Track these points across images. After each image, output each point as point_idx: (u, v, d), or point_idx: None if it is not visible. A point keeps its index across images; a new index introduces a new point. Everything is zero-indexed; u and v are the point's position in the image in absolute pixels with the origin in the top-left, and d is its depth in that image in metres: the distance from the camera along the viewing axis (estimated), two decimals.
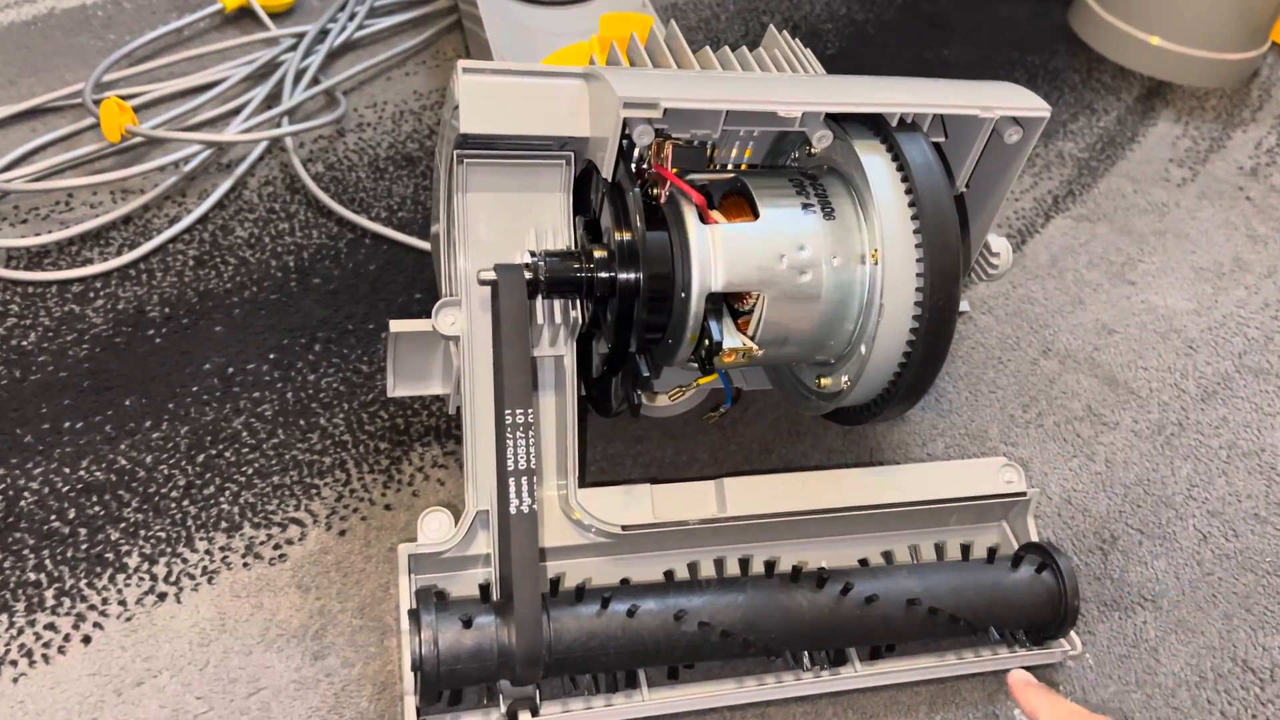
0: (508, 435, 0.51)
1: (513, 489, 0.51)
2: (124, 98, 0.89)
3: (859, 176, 0.54)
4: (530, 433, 0.52)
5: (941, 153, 0.56)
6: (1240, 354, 0.85)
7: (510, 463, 0.51)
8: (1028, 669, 0.59)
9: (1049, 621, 0.59)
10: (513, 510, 0.51)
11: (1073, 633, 0.60)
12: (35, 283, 0.74)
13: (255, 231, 0.80)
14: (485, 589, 0.52)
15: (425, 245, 0.80)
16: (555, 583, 0.55)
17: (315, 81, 0.94)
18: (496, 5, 0.97)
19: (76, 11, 1.02)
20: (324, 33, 0.99)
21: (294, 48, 0.97)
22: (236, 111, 0.90)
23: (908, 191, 0.52)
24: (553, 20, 0.99)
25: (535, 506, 0.51)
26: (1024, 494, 0.63)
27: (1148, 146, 1.08)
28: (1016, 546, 0.63)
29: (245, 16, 1.03)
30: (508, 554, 0.51)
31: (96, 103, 0.83)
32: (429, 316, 0.55)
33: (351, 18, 1.02)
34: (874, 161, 0.53)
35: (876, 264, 0.52)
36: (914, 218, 0.52)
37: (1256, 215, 1.01)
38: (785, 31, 0.65)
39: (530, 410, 0.52)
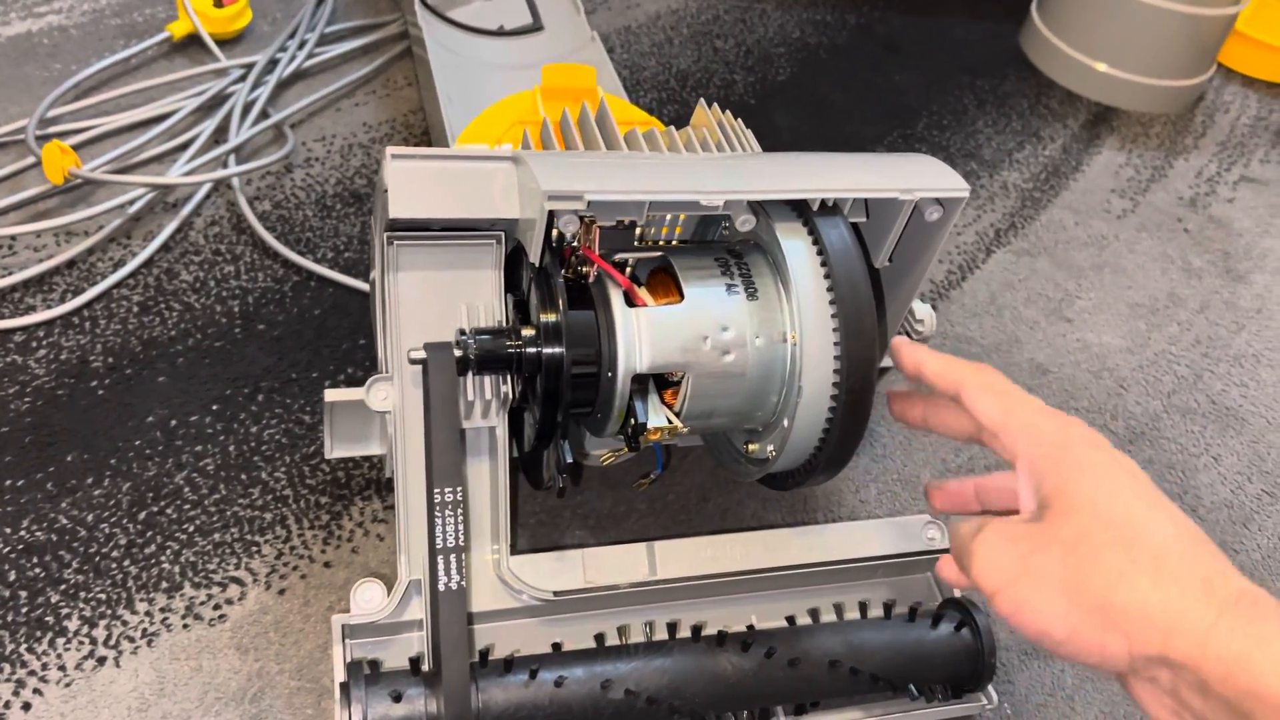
0: (436, 513, 0.53)
1: (441, 566, 0.52)
2: (69, 133, 0.89)
3: (781, 257, 0.55)
4: (459, 510, 0.53)
5: (860, 235, 0.57)
6: (1170, 393, 0.87)
7: (440, 540, 0.52)
8: None
9: (967, 677, 0.61)
10: (441, 587, 0.52)
11: (990, 686, 0.62)
12: None
13: (200, 275, 0.81)
14: (416, 661, 0.54)
15: (368, 288, 0.81)
16: (485, 653, 0.57)
17: (264, 115, 0.94)
18: (441, 35, 0.97)
19: (21, 40, 1.01)
20: (273, 62, 0.99)
21: (243, 78, 0.97)
22: (184, 147, 0.90)
23: (826, 276, 0.54)
24: (498, 51, 0.99)
25: (464, 583, 0.52)
26: (947, 550, 0.65)
27: (1091, 175, 1.10)
28: (940, 600, 0.65)
29: (194, 44, 1.03)
30: (437, 628, 0.52)
31: (41, 141, 0.83)
32: (372, 365, 0.56)
33: (301, 45, 1.02)
34: (794, 246, 0.55)
35: (796, 344, 0.54)
36: (832, 302, 0.54)
37: (1193, 248, 1.03)
38: (715, 105, 0.66)
39: (460, 488, 0.53)
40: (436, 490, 0.53)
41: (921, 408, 0.54)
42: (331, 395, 0.59)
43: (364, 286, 0.81)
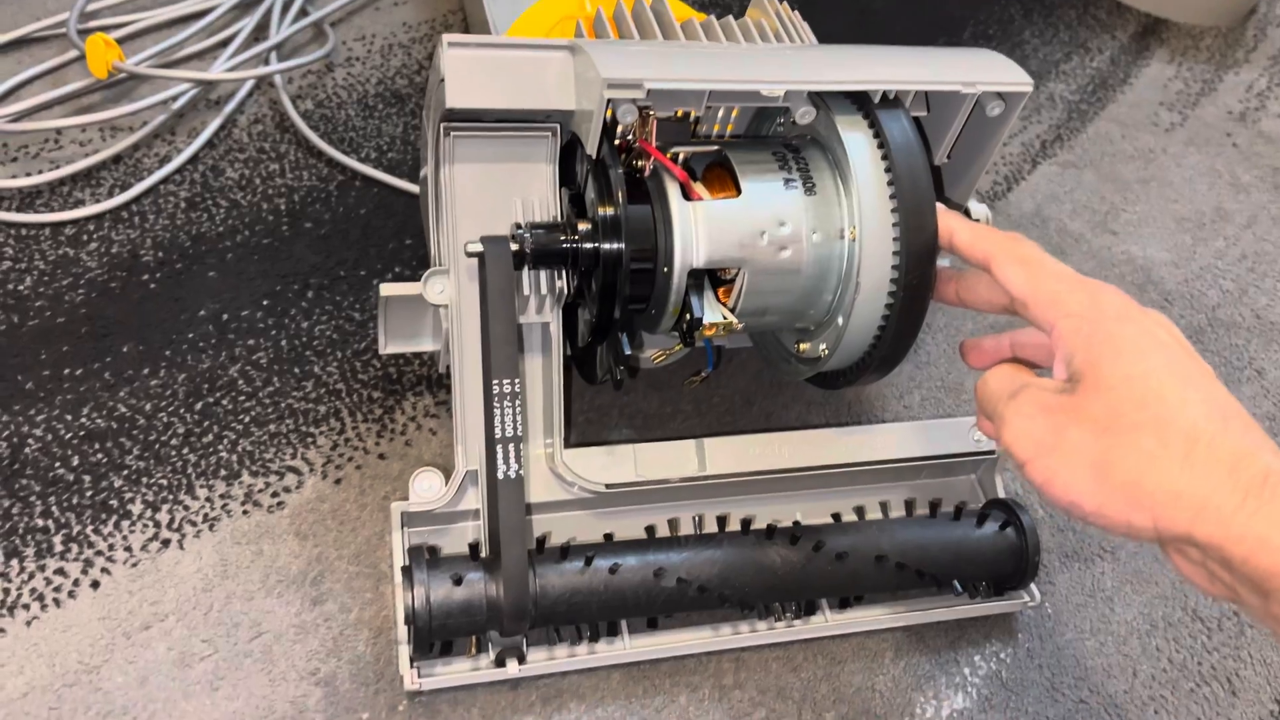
0: (495, 404, 0.53)
1: (500, 455, 0.53)
2: (109, 29, 0.88)
3: (840, 152, 0.55)
4: (517, 401, 0.54)
5: (922, 128, 0.57)
6: (1214, 307, 0.87)
7: (498, 430, 0.53)
8: (988, 617, 0.63)
9: (1011, 575, 0.62)
10: (500, 475, 0.53)
11: (1033, 584, 0.63)
12: (29, 225, 0.75)
13: (246, 173, 0.81)
14: (474, 547, 0.55)
15: (414, 188, 0.81)
16: (541, 540, 0.58)
17: (303, 13, 0.93)
18: None
19: None
20: None
21: None
22: (225, 44, 0.90)
23: (887, 170, 0.53)
24: None
25: (522, 471, 0.53)
26: (992, 453, 0.65)
27: (1139, 89, 1.08)
28: (984, 501, 0.66)
29: None
30: (495, 515, 0.53)
31: (82, 35, 0.82)
32: (420, 266, 0.57)
33: None
34: (855, 139, 0.54)
35: (854, 240, 0.54)
36: (892, 196, 0.53)
37: (1241, 163, 1.01)
38: None
39: (517, 380, 0.54)
40: (495, 382, 0.54)
41: (955, 283, 0.55)
42: (387, 290, 0.59)
43: (409, 187, 0.81)
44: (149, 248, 0.75)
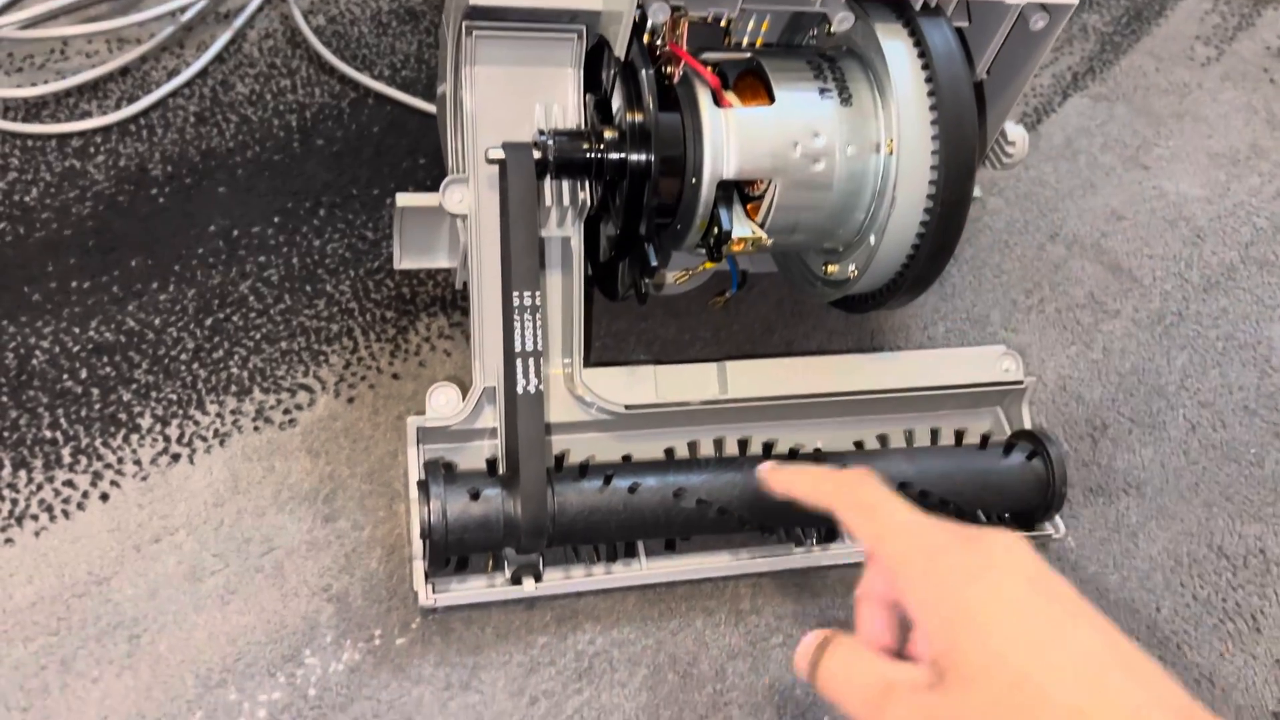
0: (515, 317, 0.52)
1: (519, 369, 0.52)
2: None
3: (879, 61, 0.53)
4: (537, 315, 0.52)
5: (964, 39, 0.54)
6: (1247, 244, 0.84)
7: (518, 344, 0.52)
8: None
9: (1036, 507, 0.61)
10: (519, 390, 0.52)
11: (1058, 517, 0.62)
12: (34, 135, 0.73)
13: (256, 88, 0.79)
14: (491, 463, 0.54)
15: (429, 107, 0.78)
16: (560, 458, 0.57)
17: None
18: None
19: None
20: None
21: None
22: None
23: (928, 80, 0.51)
24: None
25: (541, 387, 0.52)
26: (1020, 383, 0.64)
27: (1175, 21, 1.05)
28: (1010, 432, 0.65)
29: None
30: (514, 430, 0.52)
31: None
32: (434, 186, 0.55)
33: None
34: (895, 47, 0.52)
35: (891, 154, 0.52)
36: (932, 108, 0.51)
37: (1279, 99, 0.98)
38: None
39: (537, 292, 0.52)
40: (515, 293, 0.52)
41: None
42: (403, 200, 0.57)
43: (423, 105, 0.79)
44: (157, 162, 0.73)
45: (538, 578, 0.55)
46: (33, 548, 0.55)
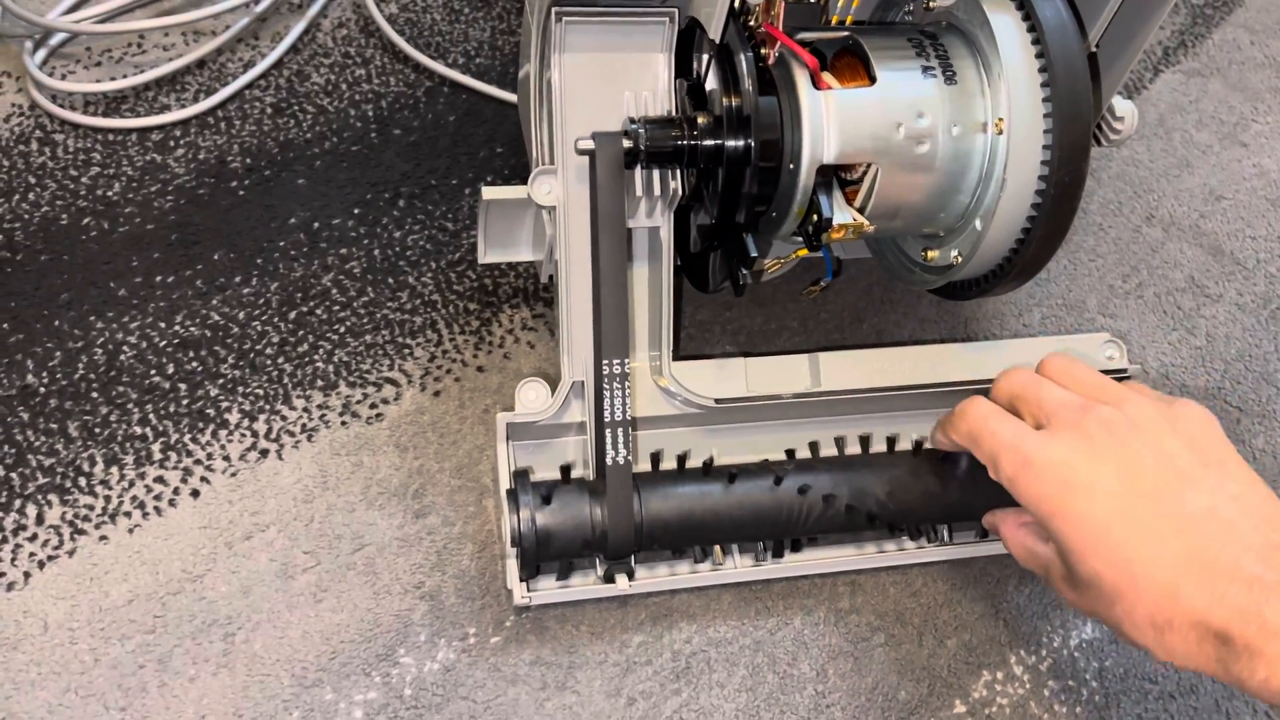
0: (604, 385, 0.51)
1: (609, 440, 0.51)
2: None
3: (984, 36, 0.50)
4: (626, 383, 0.52)
5: (1076, 9, 0.52)
6: None
7: (607, 414, 0.51)
8: None
9: None
10: (609, 461, 0.51)
11: None
12: (115, 130, 0.73)
13: (332, 78, 0.78)
14: (565, 469, 0.53)
15: (505, 95, 0.77)
16: (656, 456, 0.56)
17: None
18: None
19: None
20: None
21: None
22: None
23: (1039, 55, 0.49)
24: None
25: (630, 457, 0.51)
26: (1125, 371, 0.61)
27: None
28: None
29: None
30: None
31: None
32: (512, 175, 0.54)
33: None
34: (1002, 20, 0.49)
35: (1000, 134, 0.50)
36: (1044, 84, 0.49)
37: None
38: None
39: (627, 360, 0.52)
40: (604, 362, 0.51)
41: None
42: (489, 193, 0.56)
43: (499, 93, 0.78)
44: (236, 154, 0.72)
45: (630, 575, 0.54)
46: (127, 545, 0.55)
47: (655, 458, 0.56)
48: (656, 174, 0.54)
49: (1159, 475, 0.43)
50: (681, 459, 0.54)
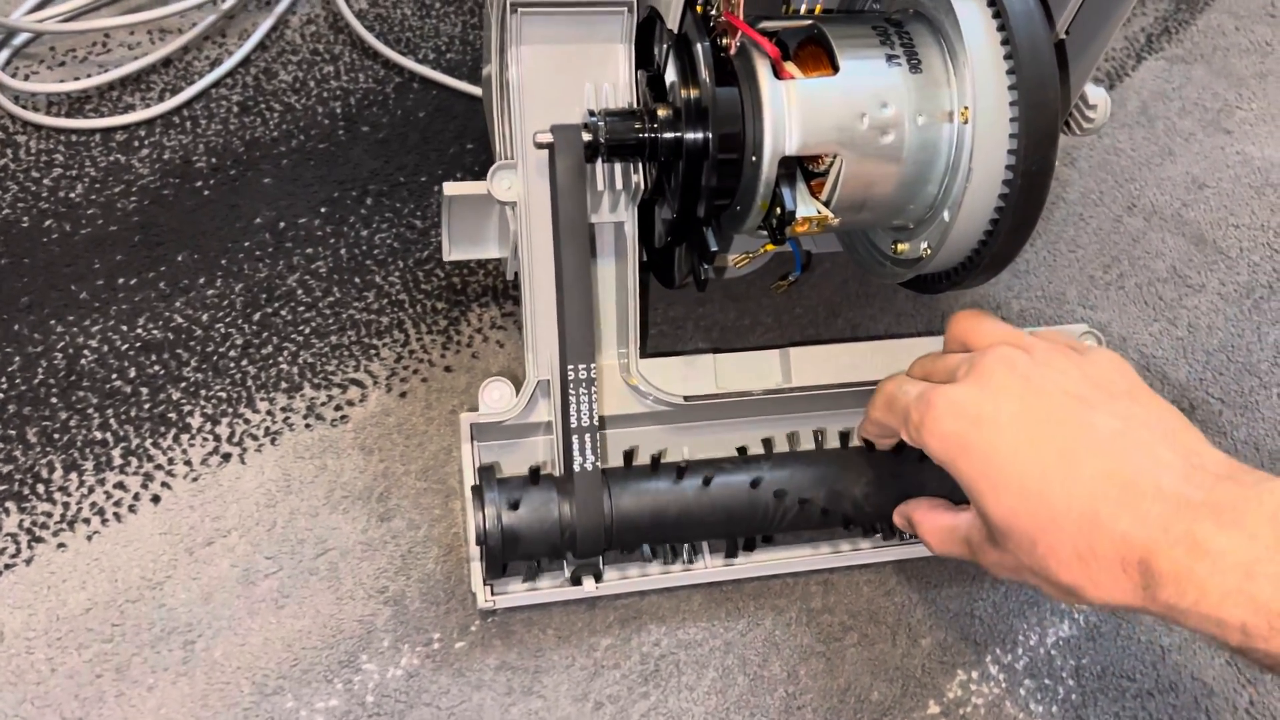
0: (570, 391, 0.50)
1: (576, 446, 0.50)
2: None
3: (949, 24, 0.49)
4: (592, 388, 0.50)
5: None
6: None
7: (573, 419, 0.50)
8: None
9: None
10: (577, 467, 0.49)
11: None
12: (79, 130, 0.72)
13: (299, 75, 0.77)
14: (535, 470, 0.52)
15: (476, 91, 0.76)
16: (629, 455, 0.55)
17: None
18: None
19: None
20: None
21: None
22: None
23: (1004, 42, 0.48)
24: None
25: (598, 463, 0.50)
26: None
27: None
28: None
29: None
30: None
31: None
32: (482, 172, 0.53)
33: None
34: (967, 7, 0.48)
35: (966, 123, 0.49)
36: (1010, 72, 0.48)
37: None
38: None
39: (592, 365, 0.50)
40: (569, 367, 0.50)
41: None
42: (451, 189, 0.55)
43: (469, 89, 0.76)
44: (202, 154, 0.71)
45: (598, 577, 0.53)
46: (85, 552, 0.54)
47: (628, 456, 0.55)
48: (619, 168, 0.53)
49: (1064, 402, 0.41)
50: (656, 458, 0.53)
